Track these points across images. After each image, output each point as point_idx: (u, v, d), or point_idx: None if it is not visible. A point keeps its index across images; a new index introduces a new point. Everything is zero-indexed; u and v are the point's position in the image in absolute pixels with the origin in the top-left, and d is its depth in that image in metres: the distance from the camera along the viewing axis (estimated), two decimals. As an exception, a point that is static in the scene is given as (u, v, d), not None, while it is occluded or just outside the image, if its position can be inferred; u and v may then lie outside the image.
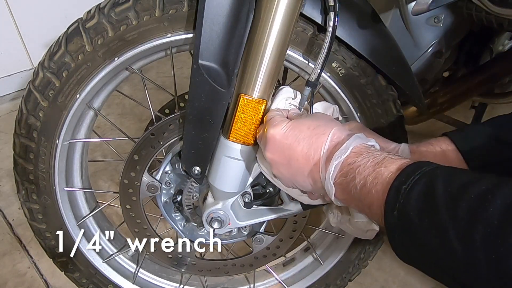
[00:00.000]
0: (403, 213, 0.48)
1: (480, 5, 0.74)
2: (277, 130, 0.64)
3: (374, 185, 0.52)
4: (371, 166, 0.54)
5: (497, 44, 1.12)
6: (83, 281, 1.05)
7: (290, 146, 0.62)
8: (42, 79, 0.79)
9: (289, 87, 0.77)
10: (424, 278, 1.33)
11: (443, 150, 0.68)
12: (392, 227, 0.50)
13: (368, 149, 0.57)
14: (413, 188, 0.48)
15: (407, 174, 0.49)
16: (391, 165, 0.52)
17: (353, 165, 0.56)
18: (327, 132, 0.60)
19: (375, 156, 0.55)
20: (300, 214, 0.87)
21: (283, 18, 0.66)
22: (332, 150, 0.59)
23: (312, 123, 0.62)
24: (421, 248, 0.48)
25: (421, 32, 0.94)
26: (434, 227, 0.45)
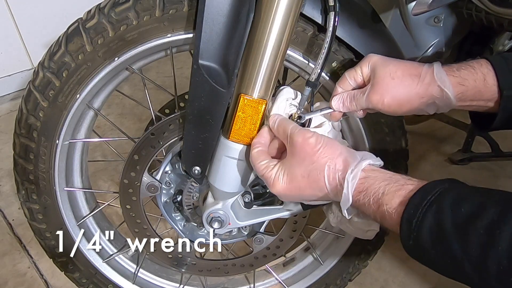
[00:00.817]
0: (418, 243, 0.53)
1: (480, 5, 0.74)
2: (277, 189, 0.66)
3: (384, 220, 0.58)
4: (374, 204, 0.58)
5: (497, 44, 1.12)
6: (83, 281, 1.05)
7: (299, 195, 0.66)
8: (42, 79, 0.79)
9: (289, 87, 0.77)
10: (424, 278, 1.33)
11: (484, 75, 0.66)
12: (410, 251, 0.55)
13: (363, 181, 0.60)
14: (422, 222, 0.52)
15: (414, 207, 0.53)
16: (392, 200, 0.56)
17: (358, 203, 0.60)
18: (322, 177, 0.62)
19: (374, 192, 0.58)
20: (300, 214, 0.87)
21: (283, 18, 0.66)
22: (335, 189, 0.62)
23: (304, 171, 0.64)
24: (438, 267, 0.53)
25: (421, 32, 0.94)
26: (449, 258, 0.50)
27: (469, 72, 0.67)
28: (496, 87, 0.66)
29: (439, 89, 0.66)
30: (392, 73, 0.67)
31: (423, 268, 0.55)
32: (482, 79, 0.66)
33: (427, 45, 0.96)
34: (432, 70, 0.66)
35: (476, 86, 0.66)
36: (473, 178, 1.69)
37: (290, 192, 0.66)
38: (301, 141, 0.64)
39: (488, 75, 0.66)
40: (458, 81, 0.66)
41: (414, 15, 0.76)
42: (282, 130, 0.68)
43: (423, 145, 1.87)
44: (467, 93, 0.67)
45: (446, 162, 1.77)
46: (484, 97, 0.67)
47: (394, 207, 0.55)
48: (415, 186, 0.55)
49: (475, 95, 0.67)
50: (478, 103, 0.68)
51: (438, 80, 0.66)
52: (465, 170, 1.74)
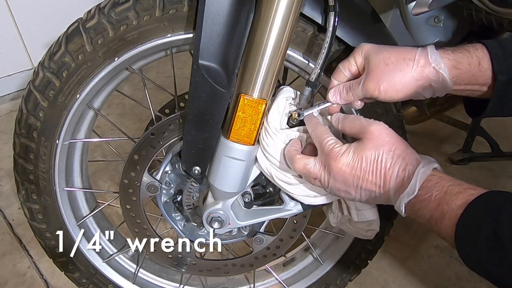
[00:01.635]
0: (474, 250, 0.53)
1: (480, 5, 0.74)
2: (342, 165, 0.64)
3: (441, 219, 0.57)
4: (434, 202, 0.58)
5: (497, 44, 1.12)
6: (83, 281, 1.05)
7: (357, 180, 0.64)
8: (42, 79, 0.79)
9: (289, 87, 0.77)
10: (424, 278, 1.33)
11: (479, 59, 0.66)
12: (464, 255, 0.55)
13: (430, 178, 0.60)
14: (480, 229, 0.52)
15: (473, 213, 0.54)
16: (453, 201, 0.56)
17: (418, 198, 0.59)
18: (395, 166, 0.62)
19: (437, 189, 0.58)
20: (300, 214, 0.87)
21: (283, 18, 0.66)
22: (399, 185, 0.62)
23: (379, 155, 0.63)
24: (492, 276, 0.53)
25: (421, 32, 0.94)
26: (505, 268, 0.50)
27: (464, 55, 0.66)
28: (490, 71, 0.66)
29: (435, 71, 0.66)
30: (386, 59, 0.67)
31: (423, 268, 0.55)
32: (477, 63, 0.66)
33: (427, 45, 0.96)
34: (426, 53, 0.66)
35: (471, 70, 0.66)
36: (473, 178, 1.69)
37: (351, 173, 0.64)
38: (380, 129, 0.65)
39: (483, 60, 0.66)
40: (452, 64, 0.66)
41: (414, 15, 0.76)
42: (351, 123, 0.68)
43: (423, 145, 1.87)
44: (461, 76, 0.66)
45: (446, 162, 1.78)
46: (478, 81, 0.67)
47: (453, 208, 0.55)
48: (477, 192, 0.56)
49: (470, 79, 0.67)
50: (473, 88, 0.68)
51: (433, 62, 0.66)
52: (465, 170, 1.74)
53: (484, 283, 1.32)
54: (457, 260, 1.39)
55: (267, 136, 0.74)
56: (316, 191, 0.77)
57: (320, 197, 0.78)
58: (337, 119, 0.70)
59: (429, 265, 1.37)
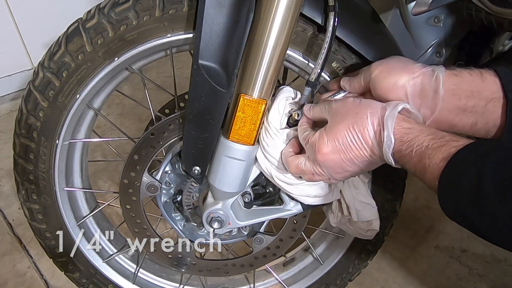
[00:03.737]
0: (456, 200, 0.52)
1: (480, 5, 0.74)
2: (324, 151, 0.65)
3: (424, 173, 0.56)
4: (415, 156, 0.57)
5: (497, 44, 1.12)
6: (83, 281, 1.05)
7: (346, 154, 0.64)
8: (42, 79, 0.79)
9: (289, 87, 0.77)
10: (424, 278, 1.33)
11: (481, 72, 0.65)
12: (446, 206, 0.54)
13: (407, 131, 0.59)
14: (462, 179, 0.51)
15: (455, 164, 0.52)
16: (435, 155, 0.55)
17: (400, 153, 0.59)
18: (367, 125, 0.62)
19: (417, 144, 0.57)
20: (300, 214, 0.87)
21: (283, 18, 0.66)
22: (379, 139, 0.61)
23: (348, 123, 0.64)
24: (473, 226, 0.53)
25: (421, 32, 0.94)
26: (487, 215, 0.49)
27: (464, 69, 0.67)
28: (495, 85, 0.64)
29: (431, 71, 0.66)
30: (400, 57, 0.71)
31: (423, 268, 0.54)
32: (479, 74, 0.65)
33: (427, 45, 0.96)
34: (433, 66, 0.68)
35: (472, 80, 0.65)
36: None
37: (336, 154, 0.65)
38: (342, 102, 0.66)
39: (486, 73, 0.65)
40: (453, 72, 0.66)
41: (414, 15, 0.76)
42: (319, 108, 0.70)
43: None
44: (462, 86, 0.65)
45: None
46: (482, 95, 0.64)
47: (436, 162, 0.54)
48: (460, 143, 0.54)
49: (472, 90, 0.64)
50: (476, 106, 0.65)
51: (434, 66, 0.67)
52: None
53: (484, 283, 1.32)
54: (457, 260, 1.39)
55: (267, 136, 0.74)
56: (316, 191, 0.77)
57: (320, 197, 0.78)
58: (308, 109, 0.72)
59: (429, 265, 1.37)
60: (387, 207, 0.94)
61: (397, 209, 0.97)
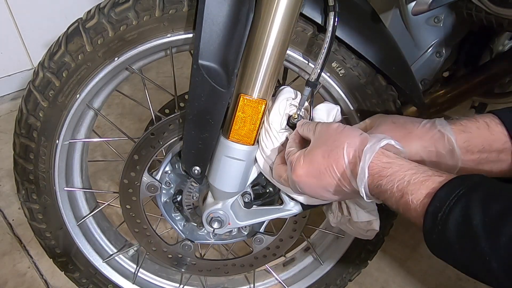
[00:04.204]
0: (443, 238, 0.50)
1: (480, 5, 0.74)
2: (298, 172, 0.64)
3: (407, 210, 0.54)
4: (397, 192, 0.55)
5: (497, 44, 1.12)
6: (83, 281, 1.05)
7: (319, 180, 0.63)
8: (42, 79, 0.79)
9: (289, 87, 0.77)
10: (424, 279, 1.33)
11: (486, 123, 0.65)
12: (432, 245, 0.52)
13: (386, 166, 0.57)
14: (449, 216, 0.49)
15: (441, 200, 0.50)
16: (418, 190, 0.53)
17: (380, 188, 0.57)
18: (342, 155, 0.60)
19: (399, 179, 0.55)
20: (300, 214, 0.87)
21: (283, 18, 0.66)
22: (354, 171, 0.60)
23: (324, 150, 0.62)
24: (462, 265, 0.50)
25: (421, 32, 0.94)
26: (476, 255, 0.47)
27: (470, 120, 0.66)
28: (504, 135, 0.63)
29: (440, 133, 0.65)
30: (394, 119, 0.70)
31: (423, 268, 0.54)
32: (486, 126, 0.65)
33: (427, 45, 0.96)
34: (433, 120, 0.68)
35: (481, 134, 0.64)
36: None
37: (310, 178, 0.64)
38: (325, 126, 0.66)
39: (492, 123, 0.64)
40: (460, 128, 0.66)
41: (414, 15, 0.76)
42: (307, 127, 0.69)
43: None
44: (473, 141, 0.65)
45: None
46: (493, 147, 0.64)
47: (419, 198, 0.53)
48: (443, 178, 0.52)
49: (483, 144, 0.64)
50: (489, 157, 0.65)
51: (438, 125, 0.66)
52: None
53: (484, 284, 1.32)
54: (457, 260, 1.39)
55: (267, 137, 0.74)
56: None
57: (320, 197, 0.78)
58: (300, 125, 0.71)
59: (429, 265, 1.37)
60: (387, 207, 0.94)
61: (397, 209, 0.97)
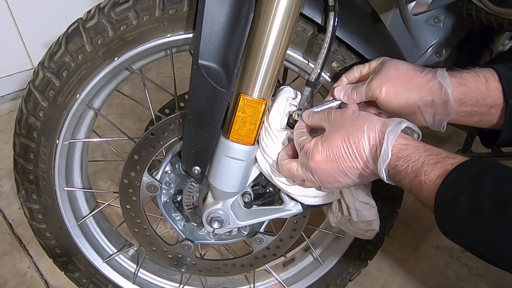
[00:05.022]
0: (452, 218, 0.52)
1: (480, 5, 0.74)
2: (316, 159, 0.65)
3: (420, 190, 0.56)
4: (411, 172, 0.57)
5: (497, 44, 1.12)
6: (83, 281, 1.05)
7: (339, 164, 0.64)
8: (42, 79, 0.79)
9: (289, 87, 0.77)
10: (424, 278, 1.33)
11: (486, 77, 0.66)
12: (442, 224, 0.54)
13: (403, 147, 0.59)
14: (459, 197, 0.50)
15: (452, 182, 0.52)
16: (431, 171, 0.55)
17: (396, 169, 0.59)
18: (362, 138, 0.62)
19: (414, 160, 0.57)
20: (300, 214, 0.87)
21: (283, 18, 0.66)
22: (374, 153, 0.61)
23: (344, 134, 0.63)
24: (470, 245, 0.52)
25: (421, 32, 0.94)
26: (484, 235, 0.49)
27: (471, 74, 0.67)
28: (499, 92, 0.65)
29: (439, 85, 0.66)
30: (397, 65, 0.69)
31: (423, 268, 0.54)
32: (484, 81, 0.66)
33: (427, 45, 0.96)
34: (435, 70, 0.68)
35: (478, 88, 0.66)
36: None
37: (329, 163, 0.64)
38: (340, 112, 0.66)
39: (490, 79, 0.66)
40: (459, 81, 0.67)
41: (414, 15, 0.76)
42: (318, 116, 0.70)
43: (423, 145, 1.86)
44: (468, 95, 0.66)
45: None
46: (486, 102, 0.66)
47: (432, 179, 0.54)
48: (456, 160, 0.54)
49: (477, 98, 0.66)
50: (481, 110, 0.67)
51: (439, 76, 0.67)
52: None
53: (484, 283, 1.32)
54: (457, 260, 1.39)
55: (267, 136, 0.74)
56: (315, 191, 0.77)
57: (319, 197, 0.78)
58: (308, 115, 0.72)
59: (429, 265, 1.37)
60: (387, 207, 0.94)
61: (397, 209, 0.97)
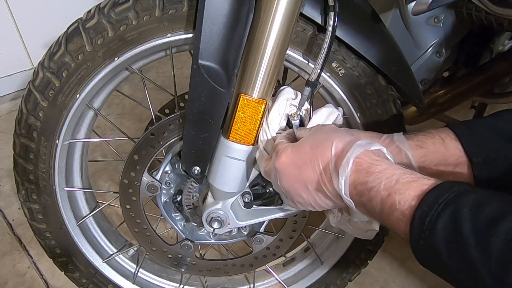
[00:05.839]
0: (430, 244, 0.47)
1: (480, 5, 0.74)
2: (282, 160, 0.63)
3: (393, 211, 0.51)
4: (384, 190, 0.52)
5: (497, 44, 1.12)
6: (83, 281, 1.05)
7: (301, 172, 0.61)
8: (42, 79, 0.79)
9: (289, 87, 0.77)
10: (425, 278, 1.33)
11: (442, 138, 0.66)
12: (419, 252, 0.50)
13: (375, 162, 0.55)
14: (437, 221, 0.47)
15: (429, 204, 0.48)
16: (406, 191, 0.51)
17: (366, 186, 0.54)
18: (330, 147, 0.59)
19: (387, 177, 0.53)
20: (300, 214, 0.87)
21: (283, 18, 0.66)
22: (338, 163, 0.57)
23: (314, 142, 0.61)
24: (450, 275, 0.48)
25: (421, 32, 0.94)
26: (465, 263, 0.45)
27: (427, 136, 0.69)
28: (459, 151, 0.66)
29: (398, 149, 0.67)
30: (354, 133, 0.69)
31: (423, 268, 0.52)
32: (441, 141, 0.67)
33: (427, 45, 0.96)
34: (392, 135, 0.70)
35: (437, 150, 0.67)
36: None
37: (292, 167, 0.62)
38: (321, 126, 0.67)
39: (447, 139, 0.67)
40: (416, 143, 0.68)
41: (414, 15, 0.76)
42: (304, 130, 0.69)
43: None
44: (429, 156, 0.67)
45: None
46: (449, 162, 0.66)
47: (406, 199, 0.50)
48: (432, 182, 0.50)
49: (439, 159, 0.67)
50: (446, 169, 0.67)
51: (396, 141, 0.68)
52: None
53: None
54: (457, 260, 1.39)
55: (265, 137, 0.74)
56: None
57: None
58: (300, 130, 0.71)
59: (429, 265, 1.37)
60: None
61: (397, 209, 0.97)
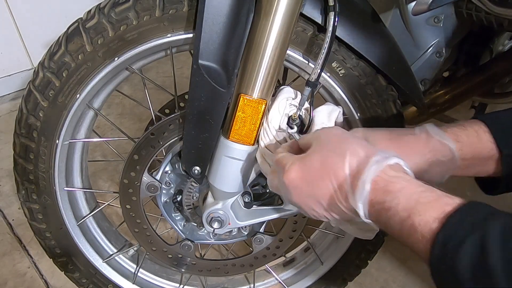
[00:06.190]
0: (452, 269, 0.44)
1: (480, 5, 0.74)
2: (291, 176, 0.58)
3: (413, 233, 0.48)
4: (403, 211, 0.49)
5: (497, 44, 1.12)
6: (83, 281, 1.05)
7: (313, 188, 0.57)
8: (42, 79, 0.79)
9: (289, 87, 0.77)
10: (424, 278, 1.33)
11: (475, 131, 0.64)
12: (438, 274, 0.47)
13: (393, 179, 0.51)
14: (462, 247, 0.43)
15: (453, 227, 0.44)
16: (427, 212, 0.47)
17: (383, 205, 0.50)
18: (343, 164, 0.54)
19: (406, 196, 0.49)
20: (300, 214, 0.87)
21: (283, 18, 0.66)
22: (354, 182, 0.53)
23: (324, 157, 0.56)
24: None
25: (421, 32, 0.94)
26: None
27: (460, 128, 0.66)
28: (491, 143, 0.64)
29: (439, 143, 0.65)
30: (386, 135, 0.66)
31: (423, 268, 0.51)
32: (475, 134, 0.65)
33: (427, 45, 0.96)
34: (425, 129, 0.66)
35: (471, 143, 0.65)
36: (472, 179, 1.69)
37: (302, 182, 0.57)
38: (326, 131, 0.62)
39: (480, 131, 0.65)
40: (452, 136, 0.65)
41: (414, 15, 0.76)
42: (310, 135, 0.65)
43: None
44: (464, 150, 0.65)
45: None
46: (482, 154, 0.65)
47: (427, 221, 0.46)
48: (455, 201, 0.47)
49: (474, 153, 0.65)
50: (478, 162, 0.66)
51: (435, 135, 0.65)
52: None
53: None
54: (457, 260, 1.39)
55: (265, 136, 0.74)
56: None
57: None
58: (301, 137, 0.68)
59: (429, 265, 1.37)
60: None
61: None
